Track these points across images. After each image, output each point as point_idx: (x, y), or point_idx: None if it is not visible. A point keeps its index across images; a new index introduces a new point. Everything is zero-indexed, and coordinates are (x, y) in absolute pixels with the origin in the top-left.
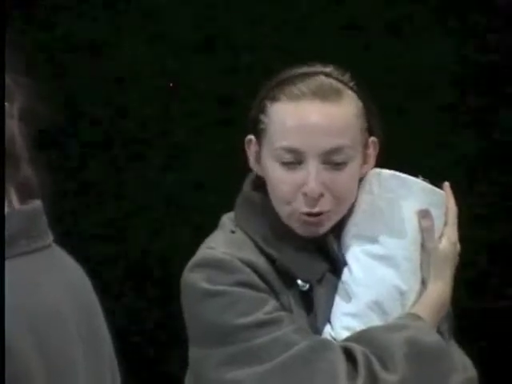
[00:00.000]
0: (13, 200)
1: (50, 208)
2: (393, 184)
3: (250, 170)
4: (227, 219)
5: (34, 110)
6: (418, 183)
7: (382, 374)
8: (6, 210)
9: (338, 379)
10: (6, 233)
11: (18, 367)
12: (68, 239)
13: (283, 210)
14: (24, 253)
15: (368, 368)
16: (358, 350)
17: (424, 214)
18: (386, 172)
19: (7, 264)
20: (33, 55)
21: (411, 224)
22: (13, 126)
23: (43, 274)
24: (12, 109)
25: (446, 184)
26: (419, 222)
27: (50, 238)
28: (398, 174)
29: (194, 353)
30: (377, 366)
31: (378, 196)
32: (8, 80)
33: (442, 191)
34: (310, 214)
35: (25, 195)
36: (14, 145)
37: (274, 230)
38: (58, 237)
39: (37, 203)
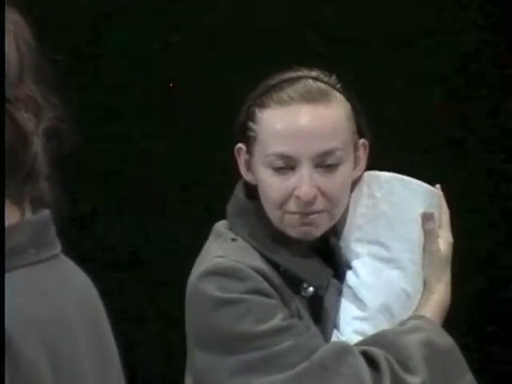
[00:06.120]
0: (26, 212)
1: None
2: (395, 186)
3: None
4: (222, 227)
5: (59, 131)
6: (419, 185)
7: (407, 377)
8: (17, 220)
9: None
10: (16, 242)
11: (29, 378)
12: None
13: (275, 215)
14: (33, 262)
15: (391, 371)
16: (379, 353)
17: (428, 217)
18: (386, 174)
19: (17, 273)
20: None
21: (416, 226)
22: (37, 143)
23: (52, 283)
24: (38, 127)
25: (438, 186)
26: (423, 224)
27: (58, 247)
28: (398, 175)
29: (204, 361)
30: (399, 369)
31: (380, 199)
32: (39, 97)
33: (438, 192)
34: (303, 214)
35: (37, 207)
36: (36, 163)
37: (274, 236)
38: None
39: (45, 213)
